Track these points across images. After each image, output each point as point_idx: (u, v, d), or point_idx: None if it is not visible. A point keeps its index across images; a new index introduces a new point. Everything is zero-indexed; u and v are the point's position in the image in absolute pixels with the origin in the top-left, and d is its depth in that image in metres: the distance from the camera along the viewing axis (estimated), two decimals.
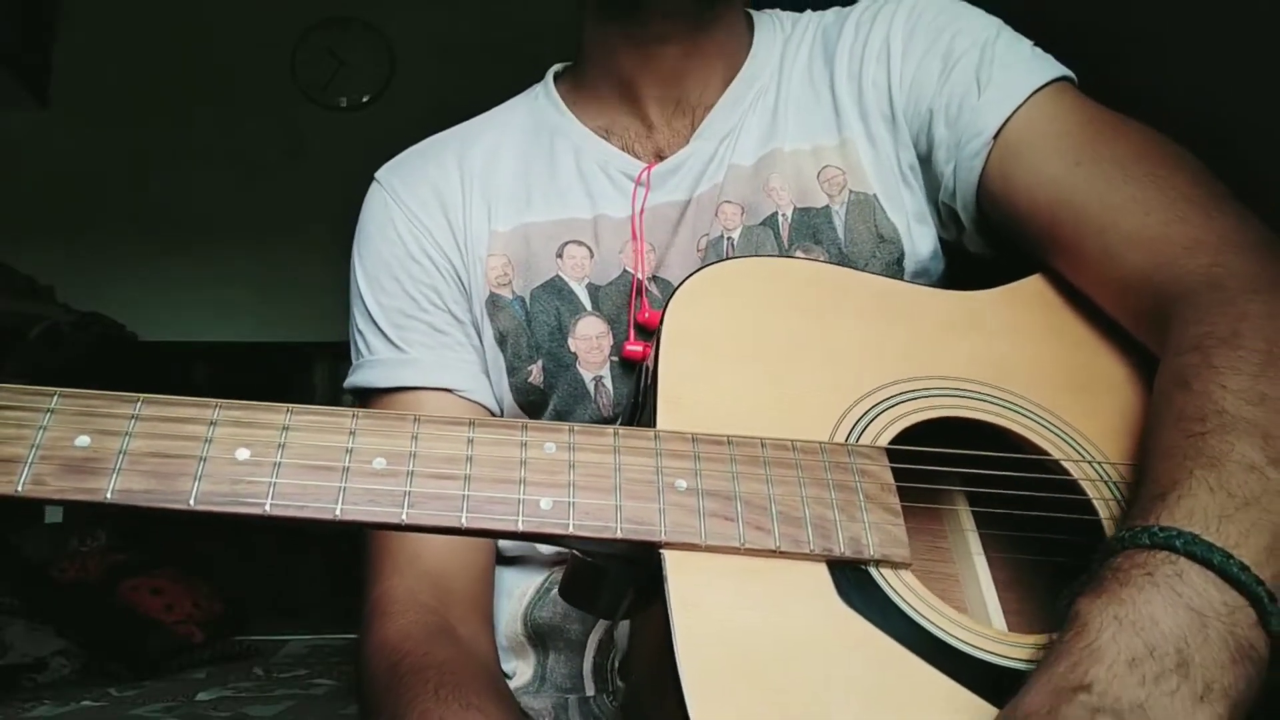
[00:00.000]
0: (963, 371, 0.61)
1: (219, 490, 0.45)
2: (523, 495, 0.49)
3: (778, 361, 0.59)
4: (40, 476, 0.44)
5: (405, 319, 0.77)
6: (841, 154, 0.75)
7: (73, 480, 0.44)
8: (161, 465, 0.45)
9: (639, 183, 0.75)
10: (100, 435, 0.45)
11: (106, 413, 0.46)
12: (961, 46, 0.71)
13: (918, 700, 0.47)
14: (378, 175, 0.81)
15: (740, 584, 0.49)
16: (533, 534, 0.48)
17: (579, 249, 0.74)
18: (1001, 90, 0.69)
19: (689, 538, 0.49)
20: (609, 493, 0.50)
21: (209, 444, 0.46)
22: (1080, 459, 0.59)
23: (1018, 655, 0.50)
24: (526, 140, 0.80)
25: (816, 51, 0.79)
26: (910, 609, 0.50)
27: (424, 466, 0.48)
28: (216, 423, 0.47)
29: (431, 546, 0.72)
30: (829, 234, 0.73)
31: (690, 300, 0.61)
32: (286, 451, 0.47)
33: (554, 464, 0.50)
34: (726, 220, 0.74)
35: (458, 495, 0.48)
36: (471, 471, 0.49)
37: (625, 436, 0.52)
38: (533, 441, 0.51)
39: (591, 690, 0.71)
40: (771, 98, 0.78)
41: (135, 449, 0.45)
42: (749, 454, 0.53)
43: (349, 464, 0.47)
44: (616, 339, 0.73)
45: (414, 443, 0.49)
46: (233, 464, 0.46)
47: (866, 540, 0.51)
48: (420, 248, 0.77)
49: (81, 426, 0.45)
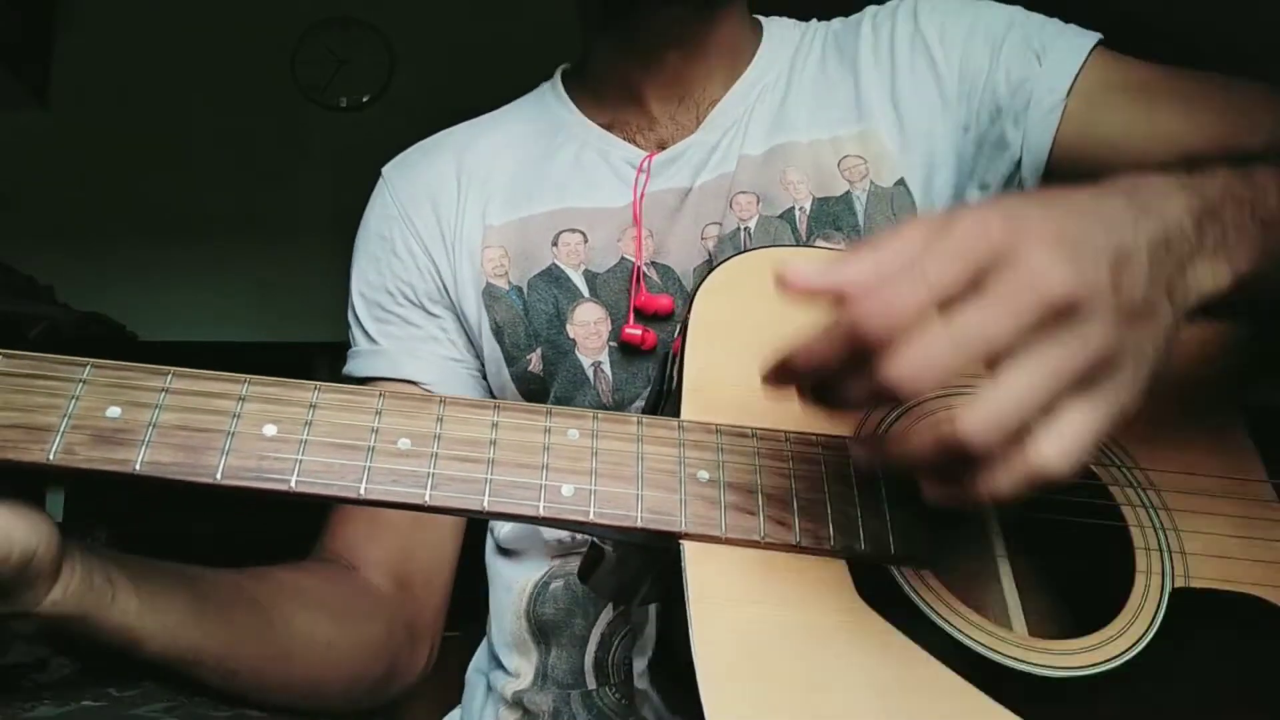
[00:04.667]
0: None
1: (245, 465, 0.46)
2: (545, 481, 0.49)
3: None
4: (71, 446, 0.44)
5: (383, 312, 0.79)
6: (862, 143, 0.75)
7: (103, 450, 0.45)
8: (190, 439, 0.46)
9: (640, 170, 0.76)
10: (131, 407, 0.46)
11: (138, 385, 0.47)
12: (999, 27, 0.76)
13: (933, 702, 0.46)
14: (384, 170, 0.84)
15: (759, 578, 0.49)
16: (554, 520, 0.48)
17: (573, 235, 0.75)
18: (1061, 54, 0.73)
19: (709, 530, 0.49)
20: (631, 481, 0.50)
21: (237, 419, 0.47)
22: (1108, 464, 0.58)
23: (1037, 660, 0.50)
24: (530, 137, 0.81)
25: (830, 52, 0.81)
26: (930, 610, 0.50)
27: (448, 449, 0.48)
28: (245, 398, 0.48)
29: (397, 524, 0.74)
30: (849, 220, 0.73)
31: (719, 289, 0.60)
32: (313, 429, 0.47)
33: (577, 450, 0.50)
34: (741, 211, 0.74)
35: (481, 479, 0.48)
36: (495, 455, 0.49)
37: (649, 425, 0.52)
38: (556, 427, 0.51)
39: (593, 684, 0.71)
40: (780, 92, 0.79)
41: (165, 421, 0.46)
42: (773, 447, 0.52)
43: (374, 444, 0.48)
44: (615, 324, 0.73)
45: (439, 425, 0.49)
46: (260, 440, 0.47)
47: (889, 539, 0.51)
48: (405, 245, 0.79)
49: (113, 397, 0.46)
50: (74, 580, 0.47)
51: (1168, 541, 0.55)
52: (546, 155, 0.79)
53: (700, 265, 0.73)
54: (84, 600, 0.48)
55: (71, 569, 0.47)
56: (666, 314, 0.72)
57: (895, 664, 0.47)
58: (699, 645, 0.46)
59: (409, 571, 0.74)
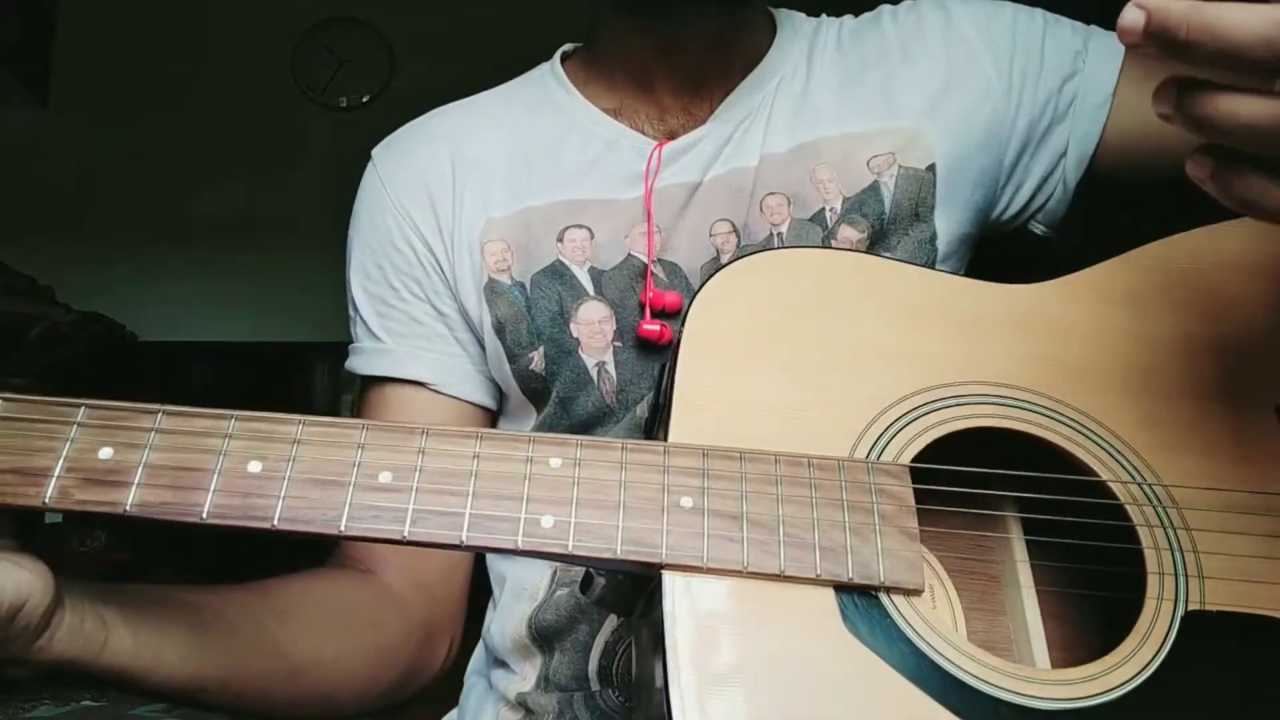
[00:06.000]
0: (1003, 376, 0.58)
1: (230, 504, 0.47)
2: (525, 514, 0.49)
3: (804, 365, 0.57)
4: (65, 489, 0.46)
5: (386, 307, 0.77)
6: (891, 139, 0.73)
7: (95, 493, 0.46)
8: (178, 478, 0.47)
9: (650, 161, 0.73)
10: (122, 448, 0.47)
11: (129, 425, 0.48)
12: (1036, 26, 0.77)
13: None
14: (374, 153, 0.81)
15: (740, 607, 0.48)
16: (533, 552, 0.48)
17: (579, 231, 0.73)
18: (1102, 50, 0.75)
19: (690, 559, 0.49)
20: (612, 510, 0.49)
21: (223, 457, 0.48)
22: (1129, 480, 0.55)
23: (1034, 692, 0.48)
24: (529, 121, 0.78)
25: (849, 47, 0.78)
26: (920, 639, 0.49)
27: (428, 482, 0.49)
28: (232, 435, 0.49)
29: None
30: (875, 207, 0.72)
31: (715, 299, 0.59)
32: (296, 466, 0.48)
33: (558, 480, 0.50)
34: (773, 215, 0.72)
35: (460, 513, 0.48)
36: (475, 487, 0.49)
37: (633, 450, 0.51)
38: (538, 456, 0.50)
39: (597, 686, 0.71)
40: (799, 85, 0.76)
41: (154, 461, 0.47)
42: (761, 471, 0.51)
43: (355, 478, 0.48)
44: (619, 323, 0.71)
45: (420, 457, 0.49)
46: (245, 477, 0.48)
47: (878, 565, 0.50)
48: (404, 236, 0.76)
49: (105, 438, 0.48)
50: (62, 628, 0.49)
51: (1184, 563, 0.52)
52: (549, 142, 0.76)
53: (707, 263, 0.71)
54: (73, 644, 0.50)
55: (61, 616, 0.49)
56: (675, 311, 0.71)
57: (876, 694, 0.47)
58: (674, 673, 0.46)
59: (425, 573, 0.75)
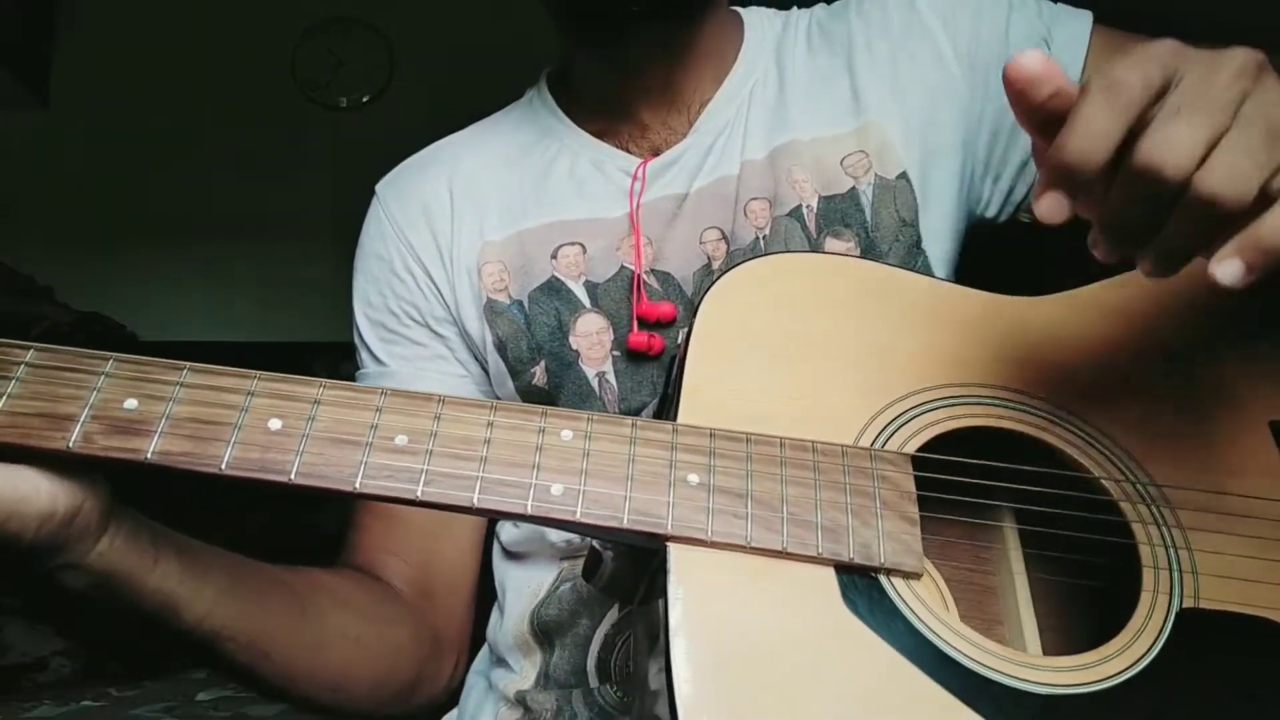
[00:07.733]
0: (1002, 379, 0.60)
1: (249, 458, 0.48)
2: (535, 480, 0.50)
3: (809, 361, 0.59)
4: (90, 435, 0.47)
5: (388, 333, 0.79)
6: (861, 138, 0.74)
7: (118, 440, 0.47)
8: (199, 430, 0.48)
9: (635, 178, 0.75)
10: (147, 399, 0.49)
11: (155, 378, 0.50)
12: (1000, 14, 0.76)
13: (910, 711, 0.46)
14: (377, 189, 0.83)
15: (743, 581, 0.49)
16: (541, 518, 0.49)
17: (571, 248, 0.75)
18: (1067, 35, 0.75)
19: (695, 532, 0.50)
20: (620, 482, 0.50)
21: (245, 413, 0.49)
22: (1121, 478, 0.56)
23: (1028, 676, 0.49)
24: (522, 148, 0.80)
25: (818, 44, 0.79)
26: (918, 620, 0.50)
27: (443, 446, 0.50)
28: (254, 393, 0.50)
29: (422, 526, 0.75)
30: (857, 217, 0.73)
31: (724, 295, 0.61)
32: (315, 424, 0.50)
33: (569, 451, 0.51)
34: (756, 219, 0.73)
35: (472, 476, 0.49)
36: (488, 454, 0.50)
37: (642, 428, 0.53)
38: (550, 428, 0.52)
39: (595, 683, 0.71)
40: (773, 89, 0.78)
41: (177, 413, 0.49)
42: (766, 453, 0.53)
43: (372, 439, 0.50)
44: (617, 334, 0.73)
45: (436, 423, 0.51)
46: (265, 433, 0.49)
47: (878, 547, 0.51)
48: (404, 264, 0.79)
49: (131, 390, 0.49)
50: (120, 537, 0.50)
51: (1178, 560, 0.54)
52: (540, 167, 0.79)
53: (700, 270, 0.73)
54: (128, 558, 0.50)
55: (119, 526, 0.50)
56: (669, 320, 0.72)
57: (877, 673, 0.47)
58: (676, 645, 0.46)
59: (430, 582, 0.75)
